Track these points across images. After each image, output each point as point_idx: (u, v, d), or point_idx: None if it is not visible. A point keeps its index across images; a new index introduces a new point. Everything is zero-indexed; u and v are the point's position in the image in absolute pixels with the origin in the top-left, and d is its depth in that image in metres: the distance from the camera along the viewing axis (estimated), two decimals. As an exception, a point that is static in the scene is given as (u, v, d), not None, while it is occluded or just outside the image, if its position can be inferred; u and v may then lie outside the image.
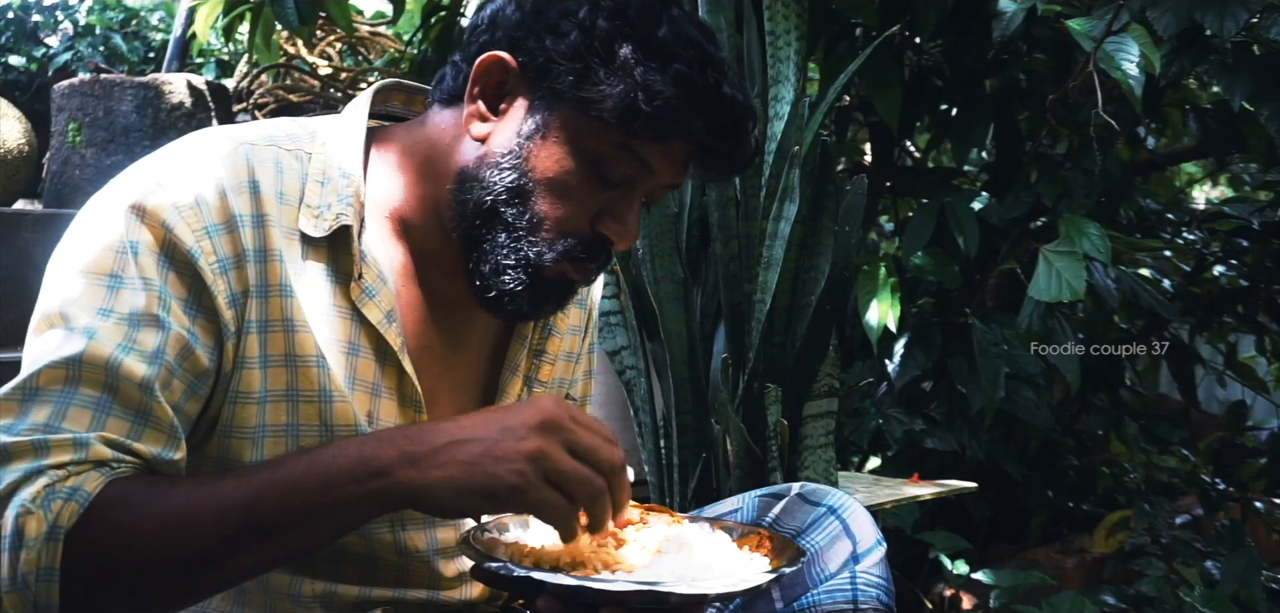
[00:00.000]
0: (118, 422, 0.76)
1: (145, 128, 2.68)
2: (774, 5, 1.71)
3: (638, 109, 0.84)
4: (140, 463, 0.77)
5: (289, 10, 2.50)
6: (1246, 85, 1.90)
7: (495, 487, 0.74)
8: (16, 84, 3.72)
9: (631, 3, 0.86)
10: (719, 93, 0.86)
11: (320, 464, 0.76)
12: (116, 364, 0.76)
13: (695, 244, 1.82)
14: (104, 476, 0.74)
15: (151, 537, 0.74)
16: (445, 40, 2.78)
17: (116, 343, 0.77)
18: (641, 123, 0.84)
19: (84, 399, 0.76)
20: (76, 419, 0.75)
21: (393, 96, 1.00)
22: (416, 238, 0.93)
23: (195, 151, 0.85)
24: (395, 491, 0.75)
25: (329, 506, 0.75)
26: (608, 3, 0.86)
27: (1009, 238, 2.33)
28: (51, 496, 0.71)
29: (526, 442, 0.74)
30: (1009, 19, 2.01)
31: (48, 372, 0.75)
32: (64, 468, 0.73)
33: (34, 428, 0.74)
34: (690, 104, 0.85)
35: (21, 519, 0.71)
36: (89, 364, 0.76)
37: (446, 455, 0.75)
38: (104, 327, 0.77)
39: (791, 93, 1.70)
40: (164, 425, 0.78)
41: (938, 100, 2.62)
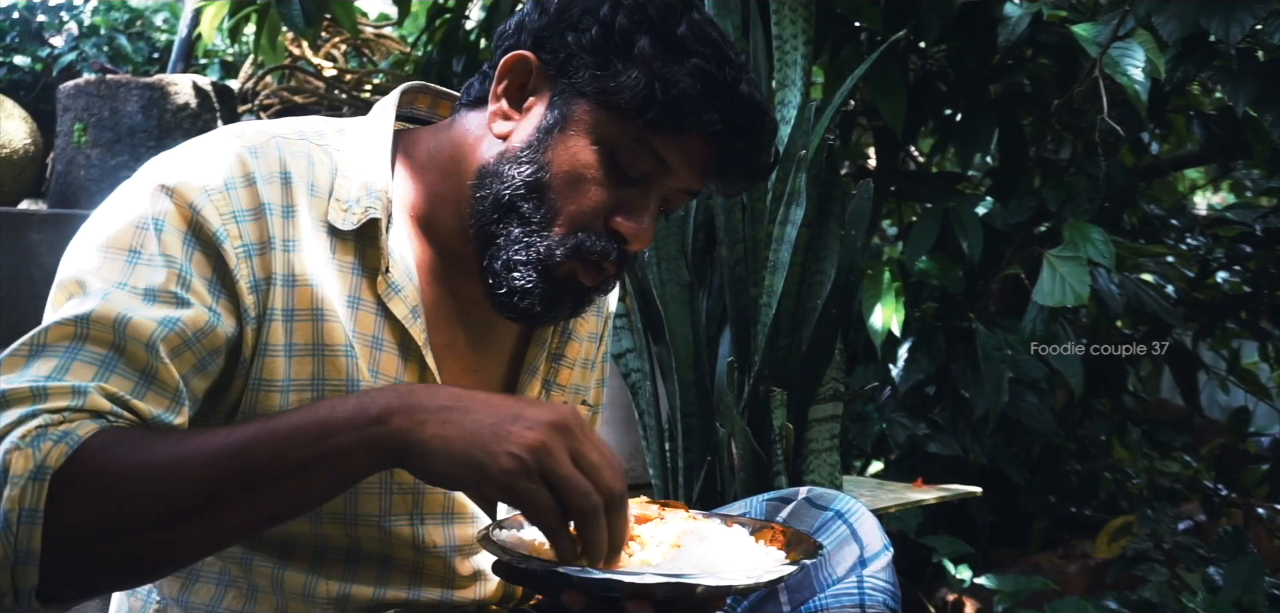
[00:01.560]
0: (121, 379, 0.76)
1: (151, 129, 2.69)
2: (780, 10, 1.72)
3: (654, 99, 0.85)
4: (139, 422, 0.76)
5: (295, 12, 2.50)
6: (1250, 91, 1.91)
7: (489, 464, 0.72)
8: (21, 84, 3.73)
9: (653, 2, 0.88)
10: (736, 89, 0.87)
11: (317, 413, 0.74)
12: (124, 322, 0.76)
13: (701, 247, 1.82)
14: (98, 424, 0.73)
15: (138, 483, 0.72)
16: (449, 42, 2.79)
17: (128, 306, 0.77)
18: (658, 112, 0.85)
19: (89, 355, 0.75)
20: (79, 372, 0.74)
21: (418, 99, 1.01)
22: (440, 238, 0.93)
23: (228, 141, 0.86)
24: (390, 439, 0.73)
25: (324, 454, 0.73)
26: (629, 2, 0.87)
27: (1013, 243, 2.34)
28: (42, 436, 0.71)
29: (533, 433, 0.73)
30: (1014, 24, 2.02)
31: (57, 329, 0.76)
32: (59, 413, 0.72)
33: (35, 378, 0.73)
34: (706, 97, 0.86)
35: (9, 456, 0.70)
36: (98, 322, 0.76)
37: (449, 417, 0.73)
38: (119, 294, 0.77)
39: (798, 97, 1.70)
40: (168, 389, 0.78)
41: (942, 105, 2.63)
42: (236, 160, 0.84)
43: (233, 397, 0.85)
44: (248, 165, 0.84)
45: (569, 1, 0.89)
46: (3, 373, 0.75)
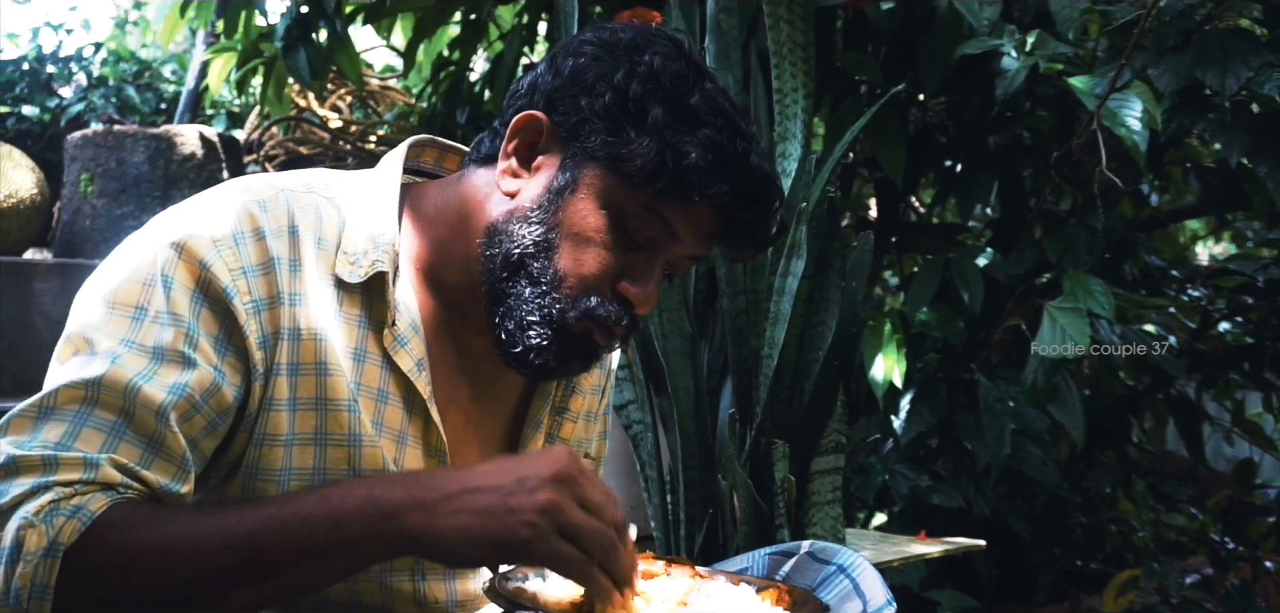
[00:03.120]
0: (129, 447, 0.76)
1: (157, 178, 2.71)
2: (781, 64, 1.73)
3: (665, 167, 0.86)
4: (147, 491, 0.77)
5: (302, 64, 2.53)
6: (1245, 142, 1.92)
7: (508, 538, 0.74)
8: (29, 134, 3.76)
9: (666, 71, 0.88)
10: (745, 161, 0.88)
11: (329, 503, 0.75)
12: (135, 389, 0.76)
13: (703, 299, 1.82)
14: (110, 498, 0.74)
15: (150, 562, 0.73)
16: (454, 94, 2.82)
17: (138, 370, 0.77)
18: (668, 181, 0.86)
19: (99, 421, 0.76)
20: (89, 440, 0.75)
21: (425, 152, 1.02)
22: (446, 292, 0.94)
23: (237, 195, 0.87)
24: (404, 535, 0.75)
25: (336, 545, 0.74)
26: (643, 70, 0.88)
27: (1014, 294, 2.34)
28: (55, 512, 0.71)
29: (540, 494, 0.74)
30: (1012, 76, 2.03)
31: (66, 391, 0.76)
32: (71, 486, 0.73)
33: (45, 445, 0.74)
34: (716, 168, 0.87)
35: (22, 532, 0.70)
36: (108, 387, 0.76)
37: (459, 503, 0.75)
38: (127, 355, 0.78)
39: (798, 149, 1.72)
40: (175, 457, 0.78)
41: (942, 156, 2.65)
42: (245, 214, 0.85)
43: (236, 451, 0.85)
44: (257, 219, 0.85)
45: (584, 66, 0.90)
46: (11, 435, 0.75)
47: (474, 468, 0.78)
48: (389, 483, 0.77)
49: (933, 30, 2.20)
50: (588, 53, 0.90)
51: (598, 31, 0.92)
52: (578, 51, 0.91)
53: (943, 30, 2.17)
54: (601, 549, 0.76)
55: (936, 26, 2.19)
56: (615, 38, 0.91)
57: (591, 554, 0.75)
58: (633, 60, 0.88)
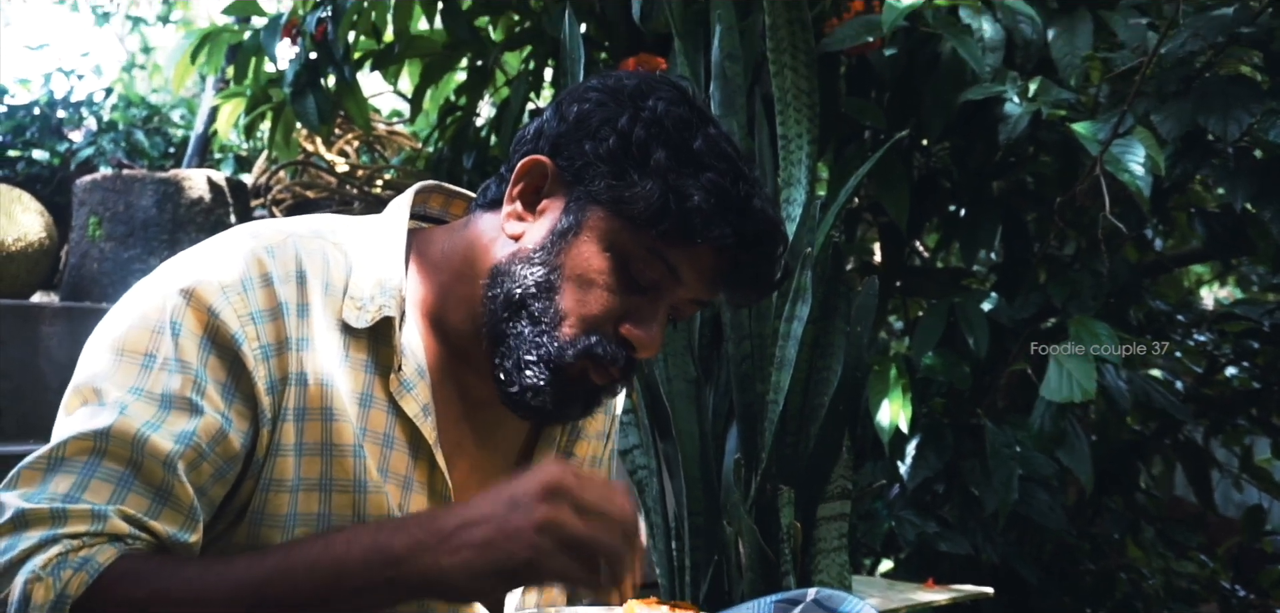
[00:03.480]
0: (138, 498, 0.76)
1: (164, 222, 2.73)
2: (785, 110, 1.75)
3: (668, 210, 0.87)
4: (154, 542, 0.77)
5: (310, 109, 2.56)
6: (1248, 188, 1.92)
7: (510, 563, 0.74)
8: (39, 177, 3.79)
9: (670, 116, 0.89)
10: (748, 204, 0.89)
11: (334, 551, 0.76)
12: (143, 440, 0.77)
13: (707, 343, 1.82)
14: (117, 549, 0.74)
15: None
16: (460, 139, 2.84)
17: (145, 420, 0.78)
18: (671, 224, 0.87)
19: (107, 472, 0.76)
20: (97, 492, 0.75)
21: (431, 198, 1.03)
22: (451, 337, 0.94)
23: (245, 241, 0.87)
24: (411, 579, 0.75)
25: (343, 594, 0.75)
26: (647, 114, 0.89)
27: (1019, 338, 2.33)
28: (62, 565, 0.71)
29: (535, 512, 0.74)
30: (1015, 122, 2.05)
31: (75, 443, 0.76)
32: (79, 538, 0.73)
33: (53, 497, 0.74)
34: (719, 211, 0.87)
35: (30, 586, 0.70)
36: (117, 438, 0.76)
37: (459, 540, 0.75)
38: (135, 404, 0.78)
39: (803, 195, 1.72)
40: (183, 507, 0.78)
41: (946, 201, 2.65)
42: (254, 260, 0.86)
43: (242, 497, 0.85)
44: (265, 265, 0.86)
45: (589, 111, 0.91)
46: (20, 488, 0.75)
47: (469, 502, 0.77)
48: (393, 529, 0.77)
49: (936, 76, 2.22)
50: (593, 99, 0.91)
51: (603, 78, 0.94)
52: (583, 97, 0.92)
53: (946, 76, 2.19)
54: (607, 554, 0.75)
55: (939, 73, 2.21)
56: (620, 84, 0.92)
57: (596, 563, 0.75)
58: (637, 105, 0.89)
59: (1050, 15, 2.16)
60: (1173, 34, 1.90)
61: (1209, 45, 1.93)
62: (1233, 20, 1.91)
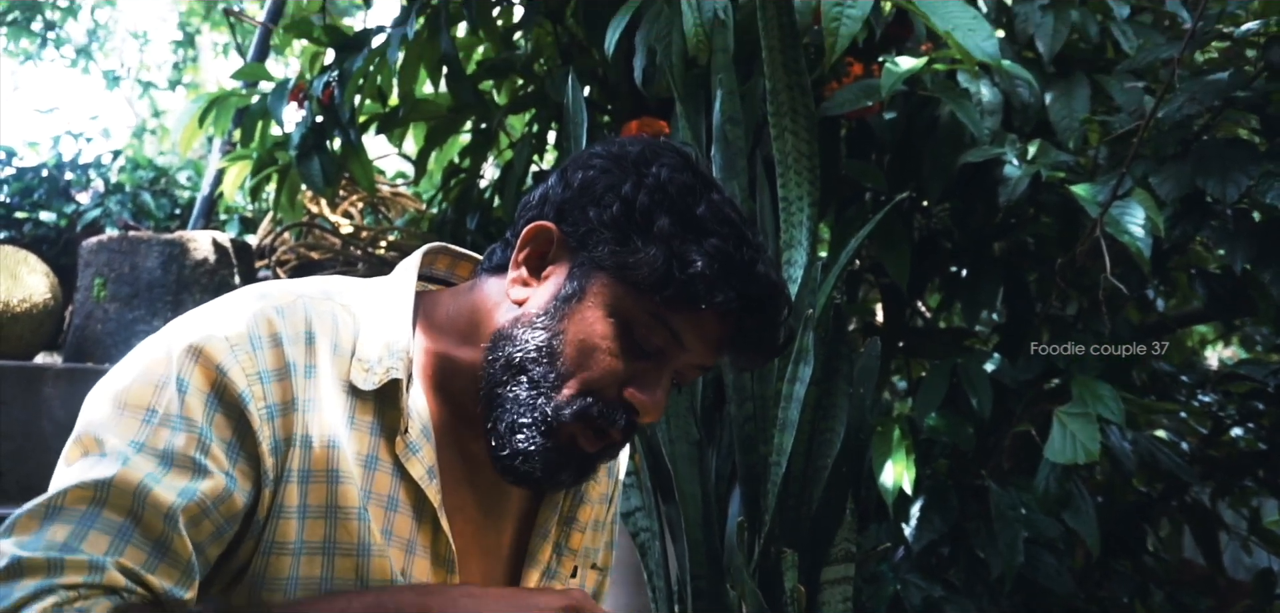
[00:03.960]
0: (136, 550, 0.76)
1: (169, 283, 2.74)
2: (786, 173, 1.76)
3: (671, 276, 0.87)
4: (149, 596, 0.76)
5: (315, 172, 2.58)
6: (1248, 249, 1.93)
7: None
8: (45, 239, 3.82)
9: (673, 182, 0.90)
10: (751, 269, 0.89)
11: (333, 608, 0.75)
12: (145, 492, 0.76)
13: (710, 405, 1.82)
14: (113, 602, 0.73)
15: None
16: (464, 201, 2.86)
17: (148, 472, 0.77)
18: (674, 290, 0.87)
19: (106, 523, 0.75)
20: (95, 543, 0.74)
21: (438, 260, 1.04)
22: (455, 400, 0.94)
23: (254, 301, 0.88)
24: None
25: None
26: (650, 181, 0.90)
27: (1022, 399, 2.33)
28: None
29: None
30: (1014, 184, 2.06)
31: (74, 492, 0.76)
32: (75, 589, 0.72)
33: (50, 546, 0.73)
34: (722, 276, 0.88)
35: None
36: (118, 489, 0.76)
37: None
38: (138, 456, 0.78)
39: (804, 256, 1.73)
40: (180, 562, 0.78)
41: (947, 262, 2.66)
42: (263, 319, 0.86)
43: (241, 558, 0.84)
44: (274, 325, 0.86)
45: (593, 178, 0.92)
46: (17, 535, 0.74)
47: (488, 589, 0.78)
48: (397, 594, 0.76)
49: (935, 139, 2.24)
50: (597, 165, 0.92)
51: (607, 145, 0.95)
52: (587, 164, 0.93)
53: (945, 139, 2.21)
54: None
55: (939, 135, 2.23)
56: (624, 151, 0.93)
57: None
58: (640, 172, 0.90)
59: (1047, 79, 2.19)
60: (1169, 98, 1.93)
61: (1205, 109, 1.95)
62: (1228, 84, 1.93)
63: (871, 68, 2.09)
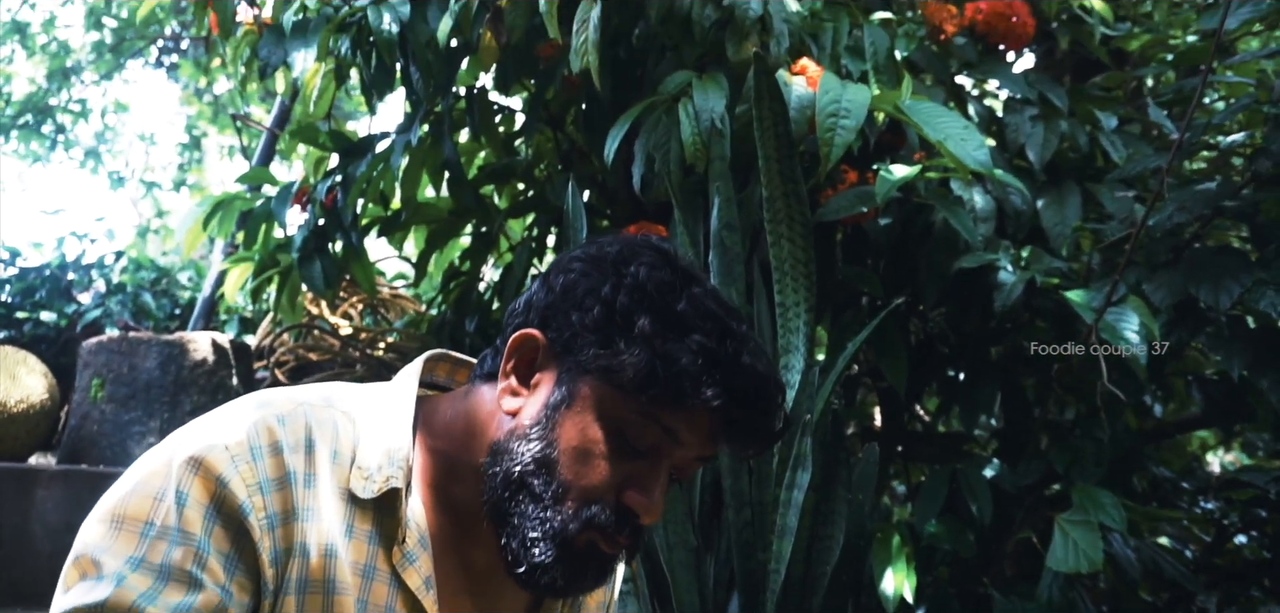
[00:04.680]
0: None
1: (167, 385, 2.74)
2: (783, 278, 1.78)
3: (656, 376, 0.87)
4: None
5: (316, 275, 2.60)
6: (1244, 356, 1.94)
7: None
8: (45, 338, 3.83)
9: (652, 280, 0.91)
10: (737, 361, 0.89)
11: None
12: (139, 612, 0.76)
13: (708, 511, 1.81)
14: None
15: None
16: (464, 303, 2.88)
17: (142, 592, 0.77)
18: (660, 389, 0.87)
19: None
20: None
21: (438, 366, 1.04)
22: (453, 509, 0.94)
23: (255, 410, 0.88)
24: None
25: None
26: (629, 281, 0.90)
27: (1023, 506, 2.31)
28: None
29: None
30: (1009, 290, 2.08)
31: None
32: None
33: None
34: (708, 371, 0.88)
35: None
36: (112, 611, 0.75)
37: None
38: (134, 576, 0.78)
39: (801, 362, 1.74)
40: None
41: (945, 366, 2.67)
42: (264, 429, 0.86)
43: None
44: (275, 434, 0.86)
45: (574, 281, 0.93)
46: None
47: None
48: None
49: (930, 245, 2.26)
50: (577, 269, 0.93)
51: (587, 247, 0.95)
52: (568, 268, 0.94)
53: (939, 245, 2.24)
54: None
55: (933, 241, 2.26)
56: (603, 252, 0.93)
57: None
58: (619, 272, 0.91)
59: (1039, 187, 2.23)
60: (1159, 207, 1.96)
61: (1195, 218, 1.99)
62: (1216, 194, 1.97)
63: (866, 175, 2.13)
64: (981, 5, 2.38)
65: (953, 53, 2.38)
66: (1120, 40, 2.74)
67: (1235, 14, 1.85)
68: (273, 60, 2.29)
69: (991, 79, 2.45)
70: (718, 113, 1.90)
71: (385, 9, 2.18)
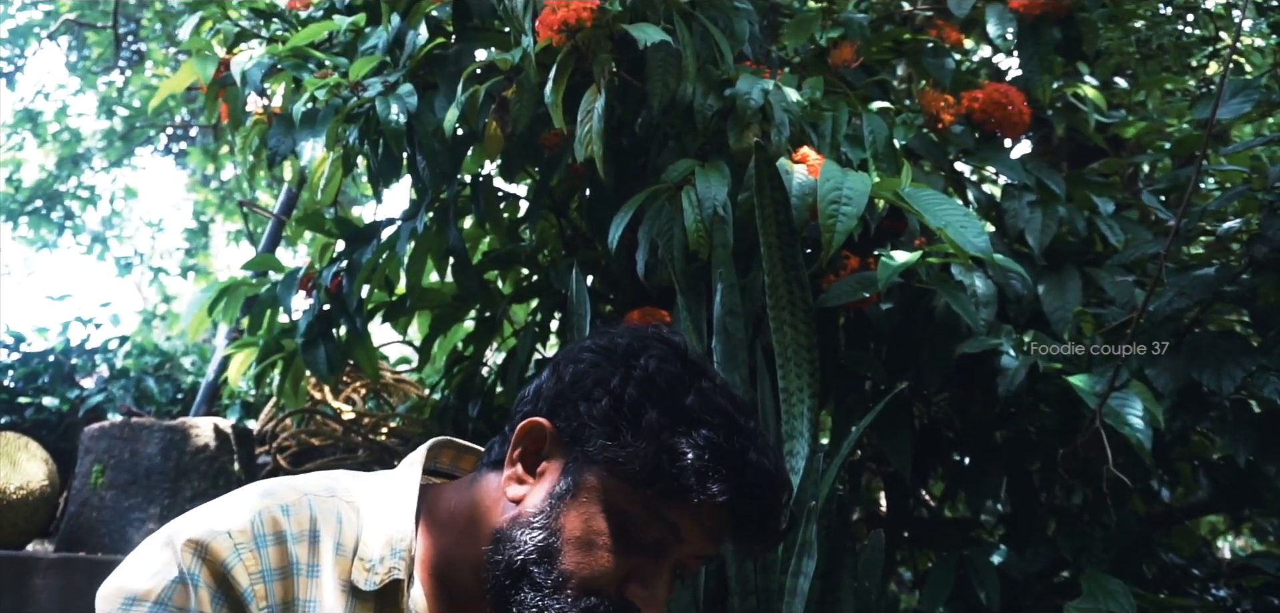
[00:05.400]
0: None
1: (168, 470, 2.73)
2: (786, 364, 1.79)
3: (662, 470, 0.87)
4: None
5: (320, 360, 2.61)
6: (1249, 442, 1.93)
7: None
8: (46, 424, 3.82)
9: (661, 374, 0.91)
10: (743, 458, 0.89)
11: None
12: None
13: (713, 599, 1.78)
14: None
15: None
16: (467, 388, 2.88)
17: None
18: (666, 484, 0.87)
19: None
20: None
21: (443, 453, 1.04)
22: (455, 597, 0.93)
23: (259, 500, 0.88)
24: None
25: None
26: (639, 373, 0.91)
27: (1032, 593, 2.28)
28: None
29: None
30: (1012, 375, 2.08)
31: None
32: None
33: None
34: (714, 467, 0.88)
35: None
36: None
37: None
38: None
39: (805, 447, 1.74)
40: None
41: (950, 451, 2.65)
42: (268, 518, 0.86)
43: None
44: (279, 524, 0.86)
45: (583, 372, 0.93)
46: None
47: None
48: None
49: (932, 329, 2.27)
50: (587, 359, 0.94)
51: (598, 337, 0.96)
52: (577, 358, 0.95)
53: (942, 329, 2.25)
54: None
55: (935, 326, 2.26)
56: (613, 343, 0.94)
57: None
58: (629, 364, 0.91)
59: (1039, 272, 2.25)
60: (1159, 292, 1.97)
61: (1195, 303, 1.99)
62: (1215, 279, 1.98)
63: (868, 260, 2.15)
64: (977, 94, 2.43)
65: (950, 140, 2.42)
66: (1116, 127, 2.78)
67: (1227, 105, 1.88)
68: (281, 149, 2.33)
69: (989, 165, 2.49)
70: (720, 200, 1.92)
71: (393, 100, 2.23)
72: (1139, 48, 2.90)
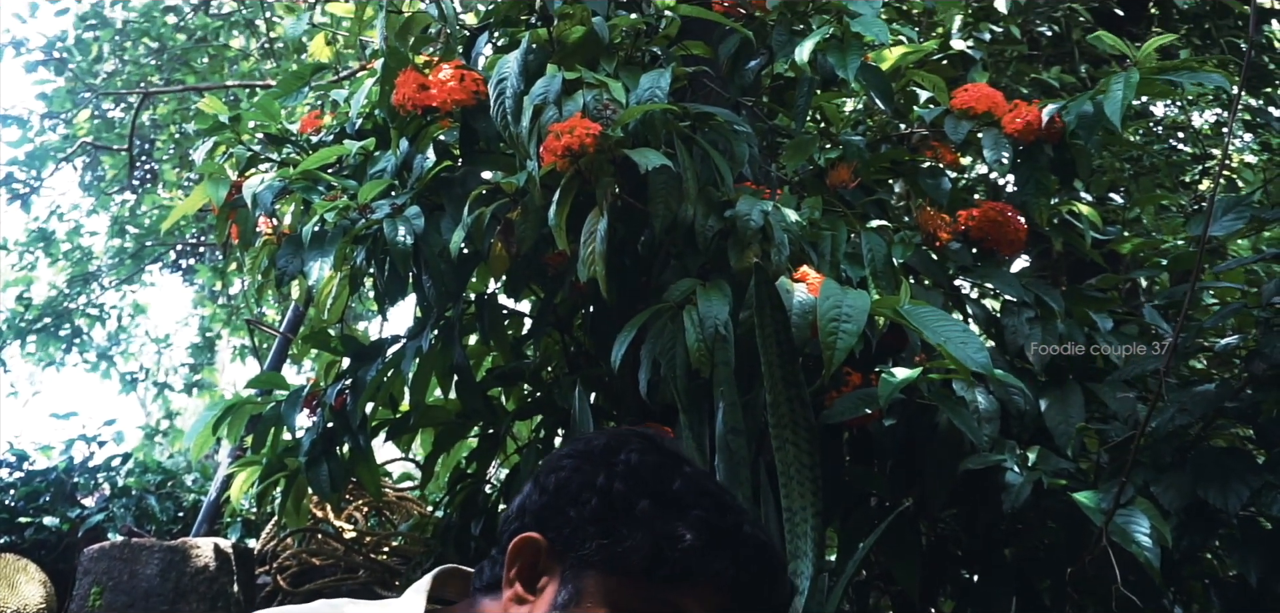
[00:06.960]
0: None
1: (166, 592, 2.70)
2: (789, 483, 1.78)
3: (662, 556, 0.87)
4: None
5: (323, 478, 2.60)
6: (1260, 561, 1.91)
7: None
8: (45, 543, 3.78)
9: (645, 464, 0.92)
10: (739, 532, 0.90)
11: None
12: None
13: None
14: None
15: None
16: (469, 506, 2.86)
17: None
18: (669, 569, 0.87)
19: None
20: None
21: (449, 583, 1.04)
22: None
23: None
24: None
25: None
26: (622, 467, 0.92)
27: (1047, 717, 2.22)
28: None
29: None
30: (1017, 491, 2.07)
31: None
32: None
33: None
34: (714, 545, 0.88)
35: None
36: None
37: None
38: None
39: (810, 568, 1.72)
40: None
41: (958, 568, 2.62)
42: None
43: None
44: None
45: (566, 478, 0.94)
46: None
47: None
48: None
49: (935, 444, 2.27)
50: (567, 465, 0.94)
51: (573, 444, 0.97)
52: (558, 466, 0.95)
53: (945, 445, 2.24)
54: None
55: (939, 441, 2.26)
56: (590, 446, 0.95)
57: None
58: (610, 461, 0.92)
59: (1040, 388, 2.25)
60: (1161, 408, 1.97)
61: (1197, 418, 2.00)
62: (1217, 395, 1.98)
63: (870, 377, 2.15)
64: (974, 212, 2.47)
65: (949, 257, 2.45)
66: (1112, 243, 2.82)
67: (1219, 222, 1.92)
68: (290, 270, 2.36)
69: (988, 282, 2.51)
70: (721, 319, 1.94)
71: (400, 222, 2.27)
72: (1132, 165, 2.96)
